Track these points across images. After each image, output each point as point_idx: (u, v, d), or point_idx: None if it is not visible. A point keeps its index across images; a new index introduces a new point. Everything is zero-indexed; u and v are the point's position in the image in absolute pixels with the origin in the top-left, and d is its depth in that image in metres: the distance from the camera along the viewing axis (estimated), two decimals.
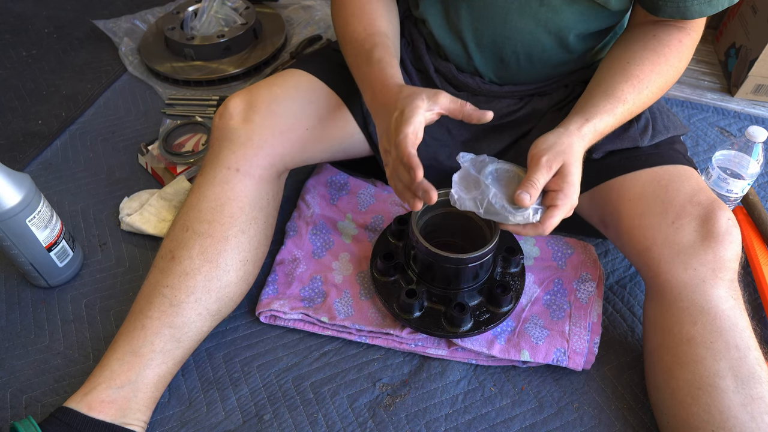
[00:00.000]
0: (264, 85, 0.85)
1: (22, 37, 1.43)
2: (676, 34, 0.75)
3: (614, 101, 0.72)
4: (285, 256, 0.92)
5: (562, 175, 0.67)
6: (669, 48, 0.74)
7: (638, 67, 0.73)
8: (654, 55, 0.74)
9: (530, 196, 0.65)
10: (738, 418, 0.64)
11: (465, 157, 0.73)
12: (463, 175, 0.72)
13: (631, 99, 0.72)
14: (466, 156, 0.74)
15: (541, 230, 0.67)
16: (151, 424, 0.75)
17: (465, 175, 0.72)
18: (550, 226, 0.67)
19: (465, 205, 0.69)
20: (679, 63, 0.76)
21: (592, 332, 0.83)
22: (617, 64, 0.75)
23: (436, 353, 0.82)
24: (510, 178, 0.70)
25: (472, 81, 0.88)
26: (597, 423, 0.77)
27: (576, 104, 0.75)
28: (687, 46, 0.76)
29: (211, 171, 0.79)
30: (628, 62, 0.74)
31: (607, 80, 0.74)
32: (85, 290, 0.91)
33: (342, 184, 1.01)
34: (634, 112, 0.75)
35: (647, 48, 0.74)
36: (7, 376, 0.81)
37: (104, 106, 1.24)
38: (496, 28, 0.80)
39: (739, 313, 0.69)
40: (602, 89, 0.73)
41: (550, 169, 0.66)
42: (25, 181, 0.80)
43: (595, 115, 0.71)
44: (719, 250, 0.71)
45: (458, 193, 0.70)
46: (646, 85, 0.73)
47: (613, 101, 0.72)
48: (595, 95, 0.73)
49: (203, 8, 1.35)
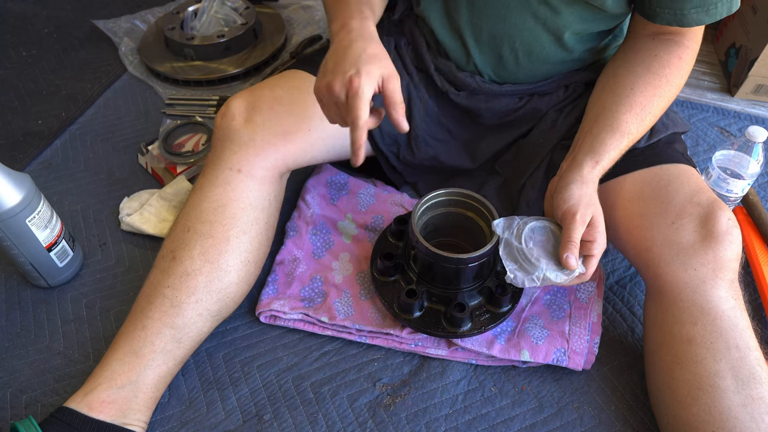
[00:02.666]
0: (266, 86, 0.85)
1: (22, 37, 1.43)
2: (676, 50, 0.77)
3: (620, 136, 0.75)
4: (285, 256, 0.92)
5: (593, 226, 0.72)
6: (670, 68, 0.77)
7: (641, 95, 0.76)
8: (656, 78, 0.76)
9: (575, 257, 0.70)
10: (738, 419, 0.64)
11: (498, 226, 0.76)
12: (506, 248, 0.75)
13: (635, 129, 0.76)
14: (498, 223, 0.77)
15: (585, 278, 0.73)
16: (151, 424, 0.75)
17: (507, 246, 0.75)
18: (591, 273, 0.73)
19: (525, 284, 0.73)
20: (680, 80, 0.78)
21: (592, 332, 0.83)
22: (621, 91, 0.77)
23: (436, 353, 0.82)
24: (546, 236, 0.75)
25: (471, 80, 0.88)
26: (597, 423, 0.77)
27: (581, 136, 0.78)
28: (687, 62, 0.78)
29: (213, 171, 0.79)
30: (632, 89, 0.76)
31: (611, 110, 0.76)
32: (85, 290, 0.91)
33: (342, 184, 1.01)
34: (636, 139, 0.78)
35: (650, 71, 0.77)
36: (7, 376, 0.81)
37: (104, 106, 1.24)
38: (495, 25, 0.80)
39: (740, 314, 0.69)
40: (608, 123, 0.76)
41: (584, 224, 0.71)
42: (25, 181, 0.80)
43: (604, 154, 0.75)
44: (719, 250, 0.71)
45: (514, 272, 0.73)
46: (648, 111, 0.76)
47: (619, 136, 0.75)
48: (602, 130, 0.76)
49: (203, 8, 1.35)
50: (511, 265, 0.74)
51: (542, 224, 0.76)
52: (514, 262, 0.74)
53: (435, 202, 0.84)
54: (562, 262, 0.71)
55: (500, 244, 0.75)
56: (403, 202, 0.98)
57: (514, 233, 0.75)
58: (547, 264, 0.72)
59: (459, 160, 0.94)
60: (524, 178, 0.88)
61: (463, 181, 0.95)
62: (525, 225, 0.75)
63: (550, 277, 0.72)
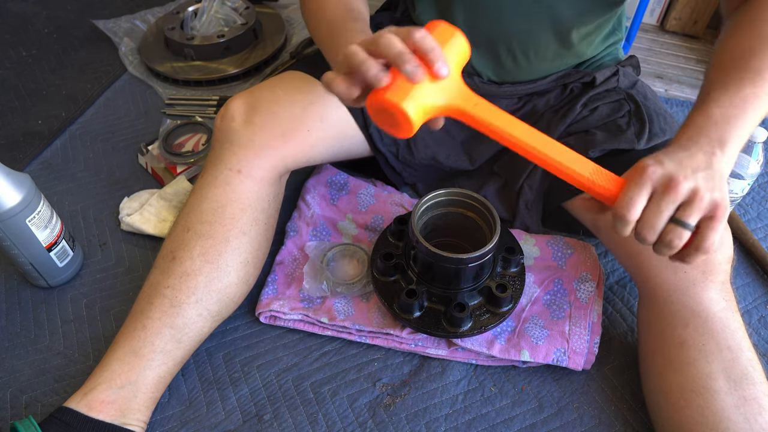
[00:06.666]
0: (265, 87, 0.85)
1: (22, 37, 1.43)
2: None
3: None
4: (285, 256, 0.92)
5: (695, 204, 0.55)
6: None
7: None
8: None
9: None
10: (732, 420, 0.64)
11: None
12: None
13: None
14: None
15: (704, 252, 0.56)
16: (151, 424, 0.75)
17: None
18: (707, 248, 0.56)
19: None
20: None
21: (592, 332, 0.83)
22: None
23: (436, 353, 0.82)
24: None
25: (470, 81, 0.88)
26: (597, 423, 0.77)
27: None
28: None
29: (213, 172, 0.79)
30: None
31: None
32: (85, 290, 0.91)
33: (342, 184, 1.01)
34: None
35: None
36: (7, 376, 0.81)
37: (104, 106, 1.24)
38: (491, 27, 0.80)
39: (731, 315, 0.69)
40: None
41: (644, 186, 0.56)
42: (25, 181, 0.80)
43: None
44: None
45: None
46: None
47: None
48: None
49: (203, 8, 1.35)
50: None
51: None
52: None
53: (435, 202, 0.84)
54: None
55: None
56: (403, 202, 0.98)
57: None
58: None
59: (458, 161, 0.94)
60: (521, 179, 0.88)
61: (463, 182, 0.96)
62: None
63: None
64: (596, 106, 0.86)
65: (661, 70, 1.38)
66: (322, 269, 0.87)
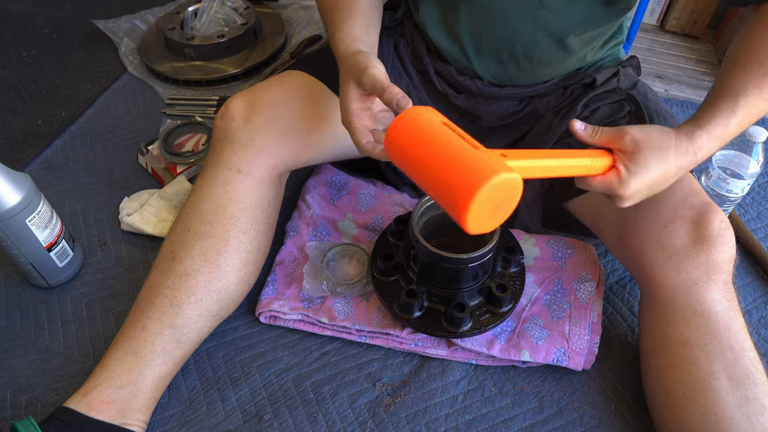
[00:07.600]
0: (265, 87, 0.85)
1: (22, 37, 1.43)
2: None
3: (732, 96, 0.64)
4: (285, 256, 0.92)
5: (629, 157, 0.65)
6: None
7: (759, 53, 0.67)
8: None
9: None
10: (733, 420, 0.64)
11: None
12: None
13: (752, 87, 0.65)
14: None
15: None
16: (151, 424, 0.75)
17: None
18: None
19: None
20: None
21: (592, 332, 0.83)
22: (737, 55, 0.68)
23: (436, 353, 0.82)
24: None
25: (471, 83, 0.88)
26: (597, 423, 0.77)
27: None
28: None
29: (213, 172, 0.79)
30: (743, 51, 0.68)
31: (723, 71, 0.67)
32: (85, 290, 0.91)
33: (342, 184, 1.01)
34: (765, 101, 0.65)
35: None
36: (7, 376, 0.81)
37: (104, 106, 1.24)
38: (495, 31, 0.80)
39: (734, 315, 0.69)
40: (718, 85, 0.66)
41: (617, 141, 0.65)
42: (25, 181, 0.80)
43: (708, 117, 0.65)
44: (712, 252, 0.70)
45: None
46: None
47: (731, 97, 0.64)
48: (712, 92, 0.67)
49: (203, 8, 1.35)
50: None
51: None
52: None
53: (435, 202, 0.84)
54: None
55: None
56: (403, 202, 0.98)
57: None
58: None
59: None
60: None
61: None
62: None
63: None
64: (597, 106, 0.86)
65: (661, 70, 1.38)
66: (322, 269, 0.87)
